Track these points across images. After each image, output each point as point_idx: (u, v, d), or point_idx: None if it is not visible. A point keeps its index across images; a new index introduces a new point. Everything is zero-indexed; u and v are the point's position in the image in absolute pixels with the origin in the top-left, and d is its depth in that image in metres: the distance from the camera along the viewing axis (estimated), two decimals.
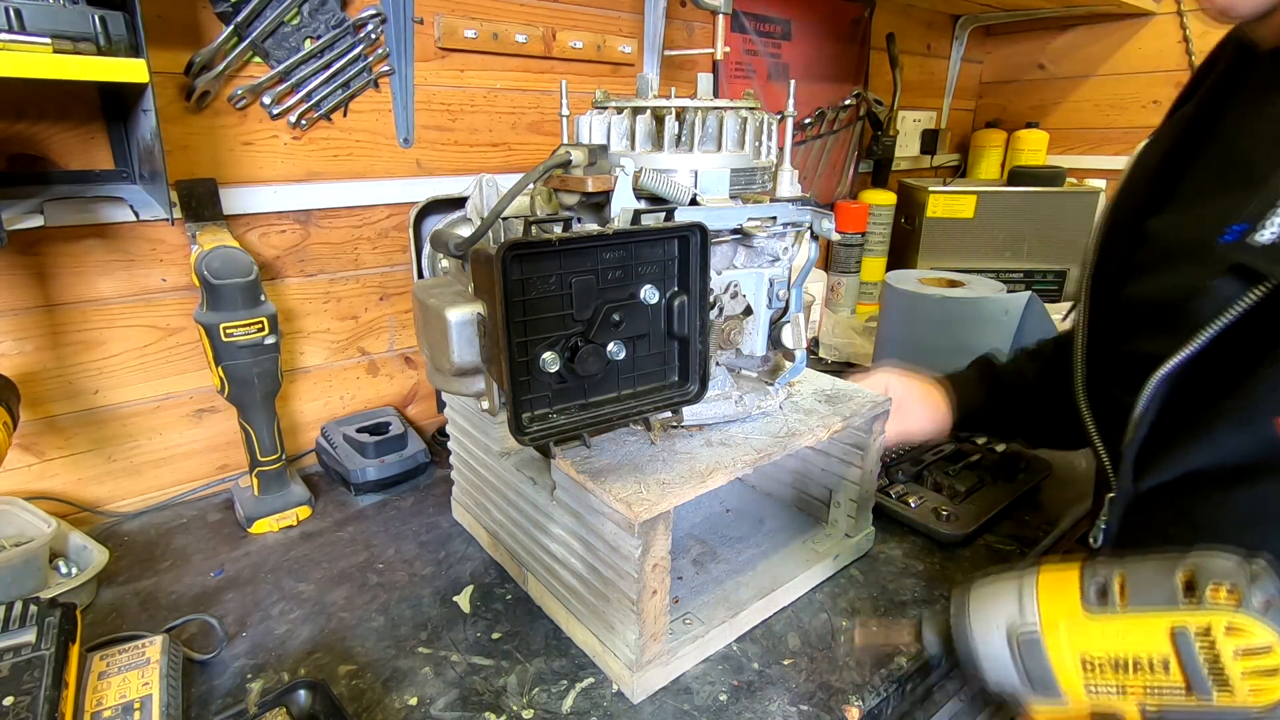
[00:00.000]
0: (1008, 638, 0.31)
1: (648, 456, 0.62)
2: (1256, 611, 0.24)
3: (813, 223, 0.68)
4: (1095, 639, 0.28)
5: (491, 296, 0.51)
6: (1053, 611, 0.30)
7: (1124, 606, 0.28)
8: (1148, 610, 0.27)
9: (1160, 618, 0.26)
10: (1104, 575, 0.29)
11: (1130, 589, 0.28)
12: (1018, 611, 0.31)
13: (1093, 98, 1.87)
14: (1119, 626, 0.28)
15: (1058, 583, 0.30)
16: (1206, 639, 0.25)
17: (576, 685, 0.65)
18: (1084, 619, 0.29)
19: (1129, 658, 0.27)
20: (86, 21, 0.60)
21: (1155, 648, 0.27)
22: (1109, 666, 0.28)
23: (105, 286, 0.86)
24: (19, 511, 0.78)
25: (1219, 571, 0.26)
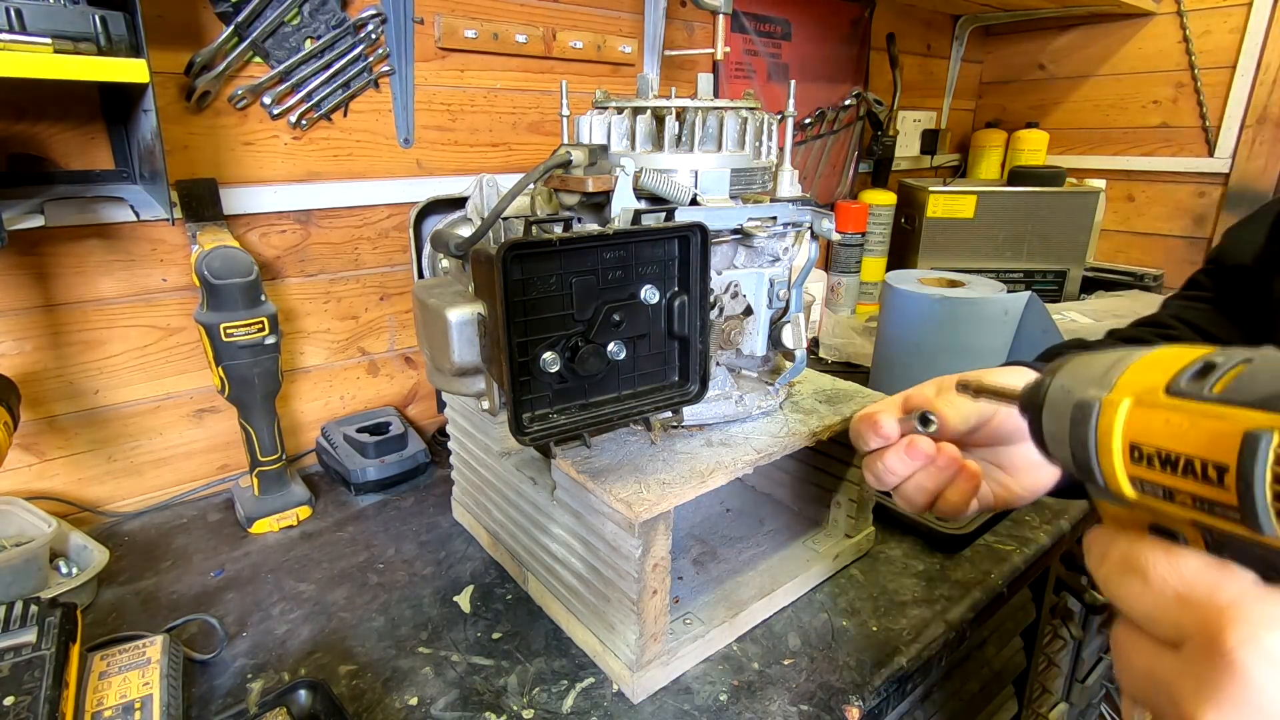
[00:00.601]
0: (1073, 400, 0.26)
1: (648, 456, 0.62)
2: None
3: (813, 223, 0.68)
4: (1155, 426, 0.23)
5: (492, 296, 0.51)
6: (1132, 383, 0.24)
7: (1211, 394, 0.21)
8: (1234, 405, 0.20)
9: (1243, 415, 0.20)
10: (1224, 359, 0.22)
11: (1237, 379, 0.21)
12: (1100, 377, 0.25)
13: (1093, 98, 1.87)
14: (1189, 416, 0.22)
15: (1168, 358, 0.24)
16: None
17: (577, 685, 0.65)
18: (1158, 398, 0.23)
19: (1177, 454, 0.22)
20: (87, 21, 0.60)
21: (1216, 450, 0.20)
22: (1157, 461, 0.23)
23: (106, 286, 0.86)
24: (19, 511, 0.78)
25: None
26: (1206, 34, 1.65)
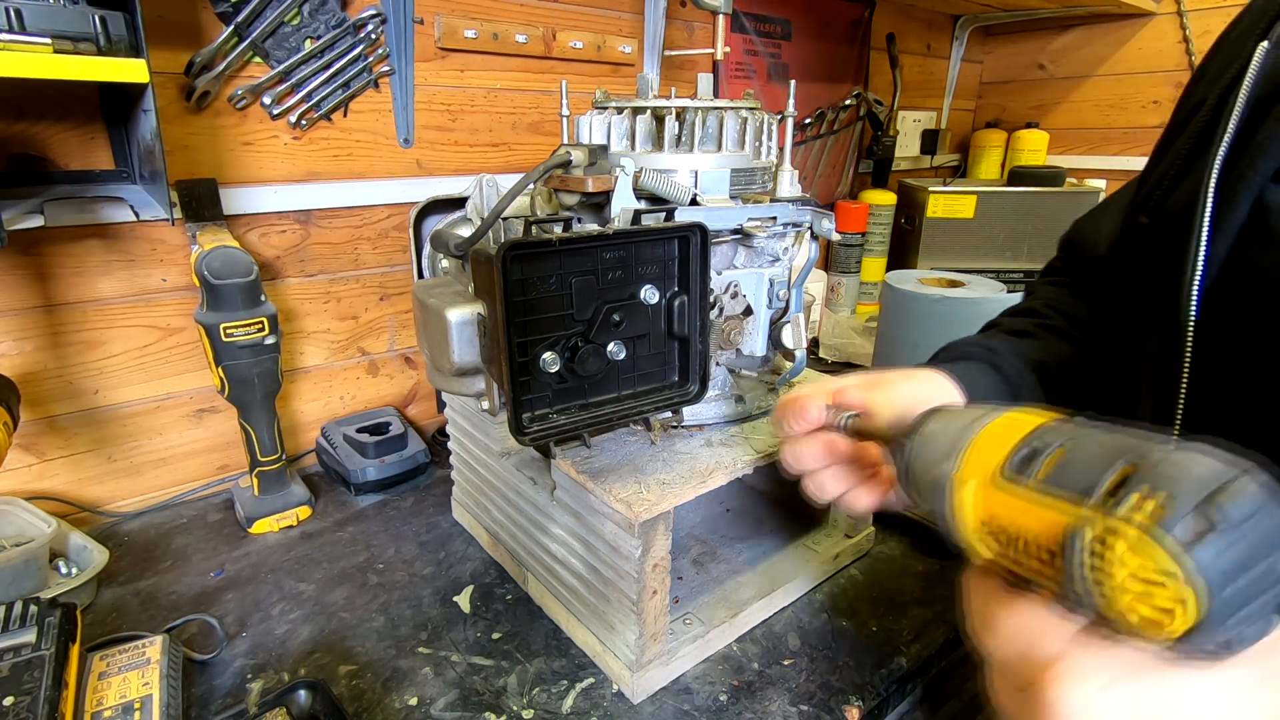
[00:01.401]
0: (933, 470, 0.29)
1: (648, 456, 0.62)
2: (1174, 538, 0.19)
3: (813, 223, 0.68)
4: (997, 506, 0.26)
5: (491, 296, 0.51)
6: (973, 466, 0.27)
7: (1036, 483, 0.24)
8: (1055, 496, 0.23)
9: (1063, 509, 0.23)
10: (1044, 443, 0.25)
11: (1057, 467, 0.24)
12: (949, 450, 0.28)
13: (1093, 98, 1.87)
14: (1021, 503, 0.24)
15: (999, 436, 0.27)
16: (1101, 548, 0.21)
17: (576, 685, 0.65)
18: (996, 482, 0.26)
19: (1015, 535, 0.25)
20: (87, 21, 0.60)
21: (1045, 538, 0.23)
22: (1001, 537, 0.26)
23: (105, 286, 0.86)
24: (19, 511, 0.78)
25: (1171, 477, 0.20)
26: (1206, 34, 1.65)
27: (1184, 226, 0.43)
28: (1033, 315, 0.63)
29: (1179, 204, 0.46)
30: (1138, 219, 0.52)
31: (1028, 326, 0.61)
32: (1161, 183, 0.49)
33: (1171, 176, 0.48)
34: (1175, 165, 0.48)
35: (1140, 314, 0.48)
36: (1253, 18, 0.46)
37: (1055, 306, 0.63)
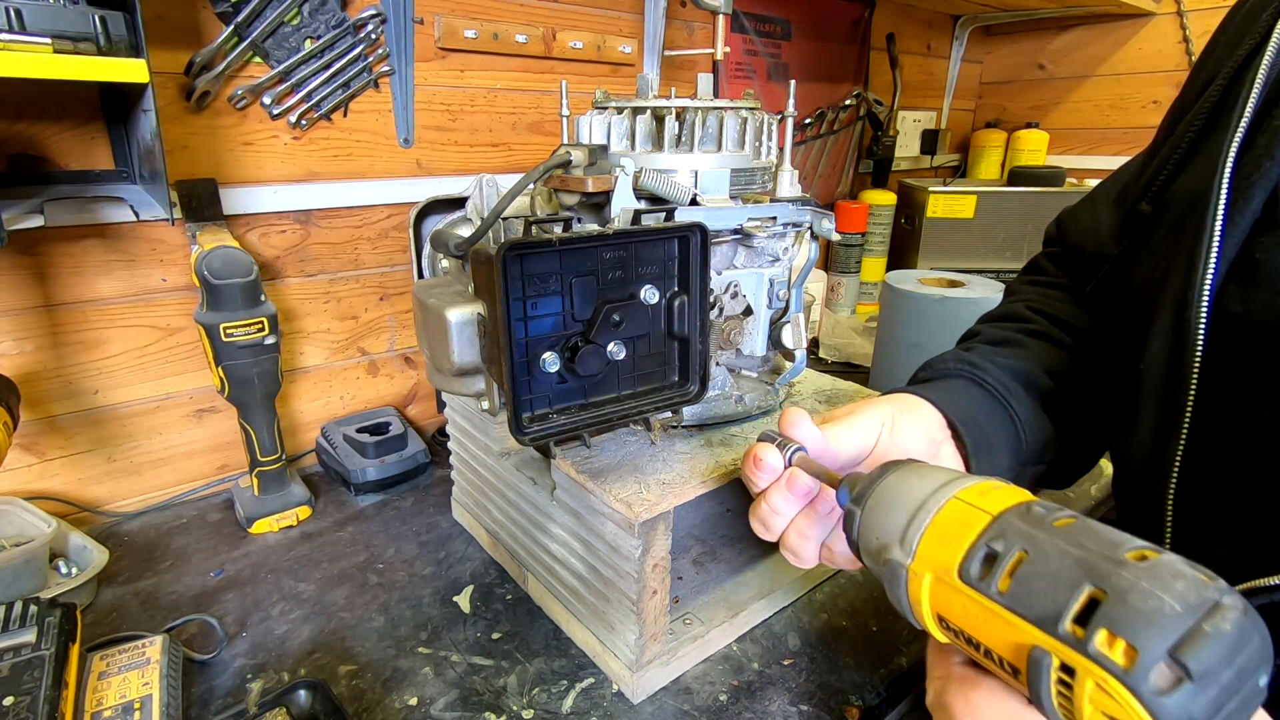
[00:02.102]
0: (883, 552, 0.29)
1: (648, 456, 0.62)
2: (1147, 693, 0.19)
3: (813, 223, 0.68)
4: (954, 608, 0.25)
5: (491, 296, 0.51)
6: (928, 556, 0.26)
7: (998, 594, 0.23)
8: (1019, 615, 0.22)
9: (1028, 630, 0.22)
10: (1005, 545, 0.24)
11: (1018, 578, 0.23)
12: (901, 534, 0.27)
13: (1093, 98, 1.87)
14: (983, 612, 0.24)
15: (956, 525, 0.26)
16: (1068, 679, 0.21)
17: (576, 685, 0.65)
18: (954, 582, 0.25)
19: (979, 642, 0.24)
20: (87, 21, 0.60)
21: (1007, 650, 0.23)
22: (960, 636, 0.25)
23: (105, 286, 0.86)
24: (19, 511, 0.78)
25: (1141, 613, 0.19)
26: (1206, 34, 1.64)
27: (1192, 218, 0.40)
28: (1015, 320, 0.59)
29: (1185, 192, 0.43)
30: (1138, 206, 0.48)
31: (1010, 334, 0.57)
32: (1165, 167, 0.46)
33: (1176, 161, 0.45)
34: (1180, 148, 0.44)
35: (1140, 312, 0.45)
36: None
37: (1039, 309, 0.59)
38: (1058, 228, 0.64)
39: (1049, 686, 0.21)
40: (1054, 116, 1.94)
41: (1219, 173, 0.38)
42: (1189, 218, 0.40)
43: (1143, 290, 0.46)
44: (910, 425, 0.44)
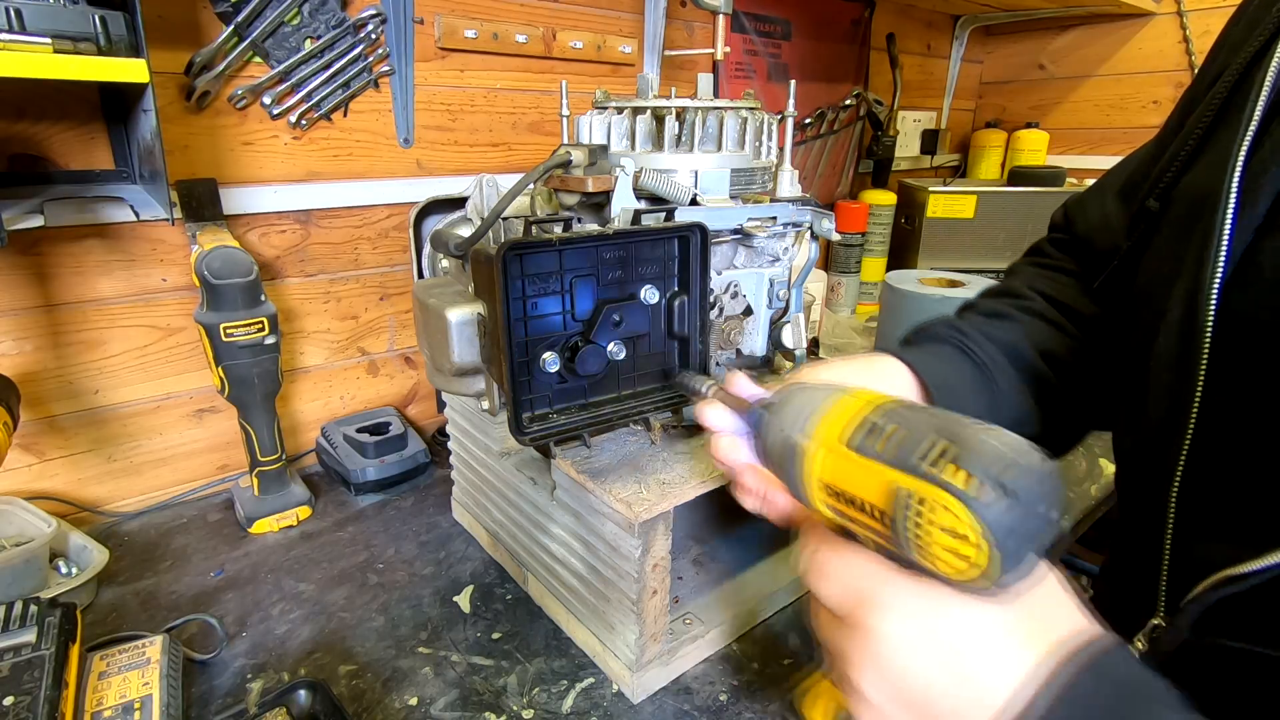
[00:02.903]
0: (783, 439, 0.33)
1: (648, 456, 0.62)
2: (975, 502, 0.25)
3: (813, 223, 0.68)
4: (839, 472, 0.30)
5: (491, 296, 0.51)
6: (823, 434, 0.31)
7: (875, 454, 0.28)
8: (888, 465, 0.28)
9: (893, 475, 0.27)
10: (884, 421, 0.29)
11: (891, 441, 0.28)
12: (801, 424, 0.32)
13: (1093, 98, 1.87)
14: (860, 469, 0.29)
15: (844, 412, 0.31)
16: (921, 509, 0.26)
17: (576, 685, 0.65)
18: (841, 452, 0.30)
19: (855, 498, 0.29)
20: (87, 21, 0.60)
21: (877, 497, 0.28)
22: (841, 499, 0.30)
23: (105, 286, 0.86)
24: (19, 511, 0.78)
25: (978, 453, 0.25)
26: (1206, 34, 1.65)
27: (1200, 218, 0.39)
28: (1011, 296, 0.59)
29: (1193, 189, 0.43)
30: (1146, 203, 0.48)
31: (1005, 308, 0.57)
32: (1173, 163, 0.45)
33: (1184, 157, 0.44)
34: (1189, 144, 0.44)
35: (1148, 309, 0.45)
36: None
37: (1038, 288, 0.58)
38: (1065, 216, 0.63)
39: (906, 517, 0.27)
40: (1054, 116, 1.94)
41: (1229, 173, 0.38)
42: (1197, 217, 0.40)
43: (1150, 287, 0.45)
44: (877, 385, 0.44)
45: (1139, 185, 0.51)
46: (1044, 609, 0.28)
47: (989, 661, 0.27)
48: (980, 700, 0.27)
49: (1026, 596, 0.28)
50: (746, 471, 0.41)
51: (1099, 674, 0.26)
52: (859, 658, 0.30)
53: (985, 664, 0.27)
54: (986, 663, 0.27)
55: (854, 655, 0.30)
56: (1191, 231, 0.40)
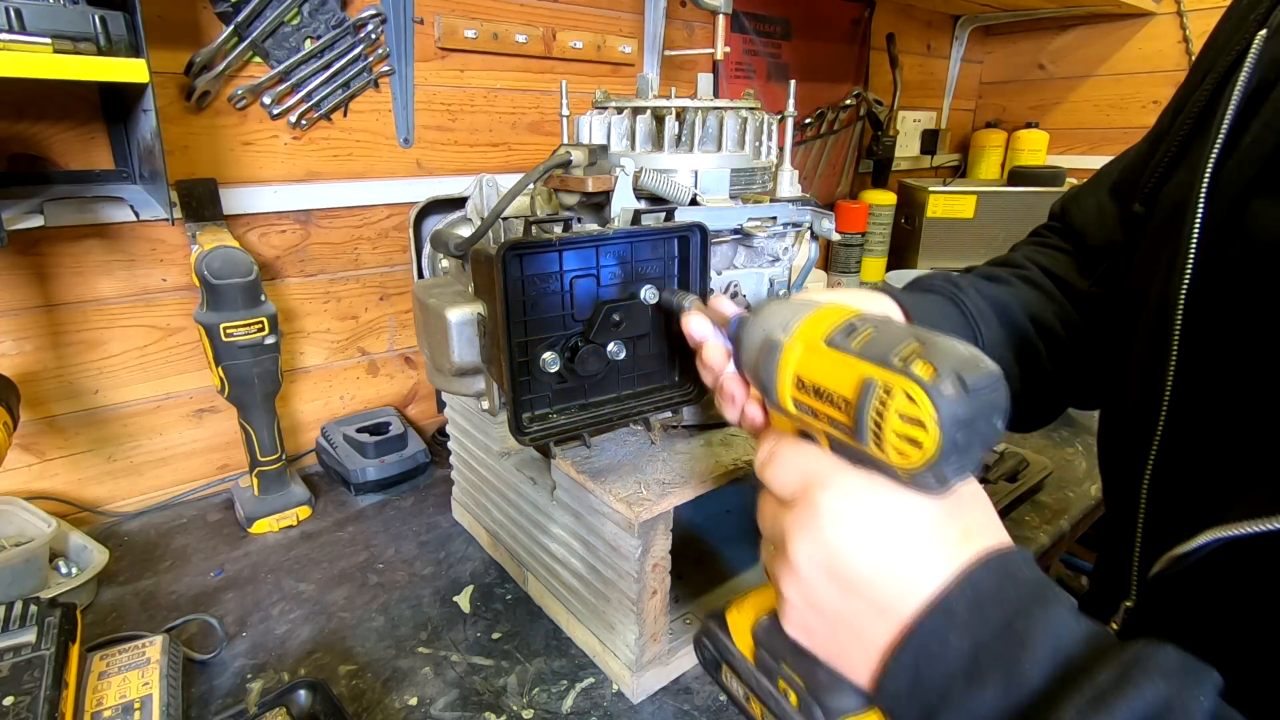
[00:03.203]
0: (764, 338, 0.35)
1: (648, 456, 0.62)
2: (936, 391, 0.27)
3: (813, 223, 0.68)
4: (813, 366, 0.32)
5: (491, 296, 0.51)
6: (804, 333, 0.33)
7: (850, 349, 0.30)
8: (861, 358, 0.30)
9: (864, 366, 0.29)
10: (862, 324, 0.31)
11: (867, 340, 0.30)
12: (784, 324, 0.34)
13: (1093, 98, 1.87)
14: (834, 362, 0.31)
15: (826, 317, 0.33)
16: (885, 397, 0.28)
17: (576, 685, 0.65)
18: (818, 348, 0.32)
19: (824, 388, 0.31)
20: (87, 21, 0.60)
21: (845, 387, 0.30)
22: (810, 390, 0.32)
23: (105, 286, 0.86)
24: (19, 511, 0.78)
25: (943, 353, 0.28)
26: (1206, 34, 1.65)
27: (1172, 227, 0.42)
28: (1010, 265, 0.61)
29: (1171, 198, 0.45)
30: (1133, 205, 0.50)
31: (1001, 273, 0.60)
32: (1156, 170, 0.47)
33: (1165, 164, 0.47)
34: (1170, 153, 0.46)
35: (1129, 310, 0.47)
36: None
37: (1036, 261, 0.61)
38: (1062, 208, 0.66)
39: (870, 404, 0.28)
40: (1054, 116, 1.94)
41: (1197, 186, 0.40)
42: (1170, 225, 0.42)
43: (1133, 289, 0.48)
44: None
45: (1131, 184, 0.53)
46: (973, 518, 0.31)
47: (916, 550, 0.29)
48: (901, 582, 0.29)
49: (960, 505, 0.30)
50: (730, 379, 0.42)
51: (1002, 571, 0.29)
52: (798, 528, 0.32)
53: (912, 552, 0.29)
54: (913, 551, 0.29)
55: (793, 527, 0.32)
56: (1166, 240, 0.43)
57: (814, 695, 0.33)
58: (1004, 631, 0.27)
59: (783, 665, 0.35)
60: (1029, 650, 0.26)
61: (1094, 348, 0.56)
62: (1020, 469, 0.96)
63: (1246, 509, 0.33)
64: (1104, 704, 0.24)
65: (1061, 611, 0.27)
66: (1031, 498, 0.93)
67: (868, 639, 0.30)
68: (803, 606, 0.33)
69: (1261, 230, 0.37)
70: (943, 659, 0.28)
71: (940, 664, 0.28)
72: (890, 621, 0.29)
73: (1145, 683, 0.24)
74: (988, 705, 0.26)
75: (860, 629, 0.30)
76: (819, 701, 0.32)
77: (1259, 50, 0.39)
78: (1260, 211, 0.37)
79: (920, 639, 0.28)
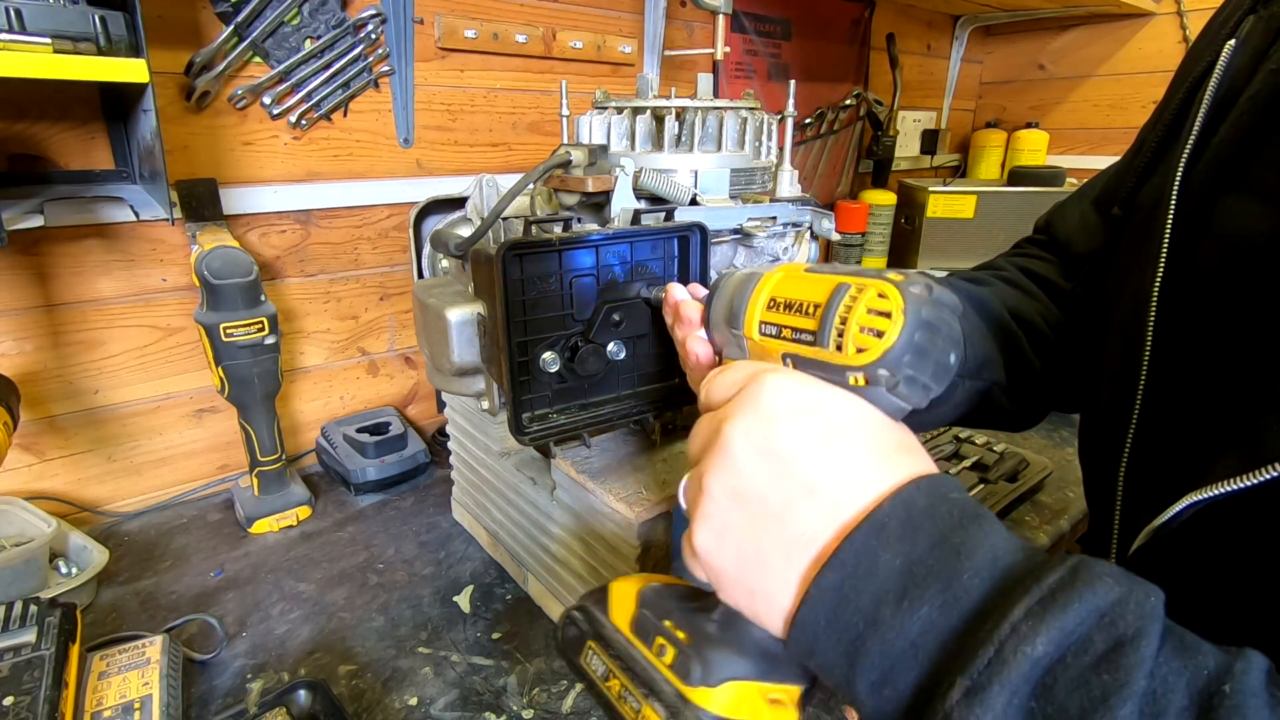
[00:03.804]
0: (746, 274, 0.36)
1: (648, 456, 0.62)
2: (905, 288, 0.28)
3: (812, 223, 0.68)
4: (790, 285, 0.33)
5: (491, 296, 0.51)
6: (786, 267, 0.35)
7: (830, 270, 0.32)
8: (838, 273, 0.31)
9: (841, 277, 0.30)
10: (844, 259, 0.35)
11: (843, 267, 0.32)
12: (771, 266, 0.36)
13: (1093, 98, 1.87)
14: (812, 280, 0.32)
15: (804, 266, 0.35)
16: (857, 294, 0.29)
17: (576, 685, 0.65)
18: (798, 274, 0.33)
19: (796, 300, 0.32)
20: (87, 21, 0.60)
21: (818, 295, 0.31)
22: (781, 306, 0.33)
23: (105, 286, 0.86)
24: (19, 511, 0.78)
25: (918, 271, 0.30)
26: None
27: (1148, 228, 0.43)
28: (990, 269, 0.62)
29: (1146, 200, 0.46)
30: (1112, 209, 0.52)
31: (980, 275, 0.60)
32: (1132, 174, 0.49)
33: (1141, 169, 0.48)
34: (1145, 158, 0.48)
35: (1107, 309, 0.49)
36: (1229, 10, 0.45)
37: (1015, 263, 0.62)
38: (1047, 221, 0.67)
39: (840, 301, 0.29)
40: (1054, 116, 1.94)
41: (1169, 188, 0.41)
42: (1144, 227, 0.44)
43: (1110, 290, 0.49)
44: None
45: (1112, 195, 0.55)
46: (909, 437, 0.31)
47: (853, 447, 0.29)
48: (836, 472, 0.29)
49: (898, 424, 0.31)
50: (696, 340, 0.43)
51: (934, 492, 0.28)
52: (737, 410, 0.31)
53: (849, 447, 0.29)
54: (850, 447, 0.29)
55: (733, 411, 0.31)
56: (1140, 241, 0.44)
57: (696, 649, 0.30)
58: (939, 545, 0.26)
59: (664, 623, 0.32)
60: (967, 561, 0.25)
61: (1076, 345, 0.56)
62: (1020, 469, 0.96)
63: (1220, 473, 0.33)
64: (1054, 602, 0.23)
65: (997, 527, 0.27)
66: (1031, 498, 0.93)
67: (793, 535, 0.28)
68: (725, 499, 0.30)
69: (1227, 226, 0.39)
70: (873, 578, 0.26)
71: (869, 584, 0.26)
72: (822, 513, 0.28)
73: (1096, 582, 0.24)
74: (924, 622, 0.25)
75: (786, 522, 0.29)
76: (700, 655, 0.30)
77: (1227, 59, 0.41)
78: (1226, 208, 0.39)
79: (848, 557, 0.27)
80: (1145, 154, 0.48)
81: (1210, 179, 0.39)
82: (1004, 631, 0.23)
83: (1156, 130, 0.47)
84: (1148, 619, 0.23)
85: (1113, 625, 0.23)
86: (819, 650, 0.27)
